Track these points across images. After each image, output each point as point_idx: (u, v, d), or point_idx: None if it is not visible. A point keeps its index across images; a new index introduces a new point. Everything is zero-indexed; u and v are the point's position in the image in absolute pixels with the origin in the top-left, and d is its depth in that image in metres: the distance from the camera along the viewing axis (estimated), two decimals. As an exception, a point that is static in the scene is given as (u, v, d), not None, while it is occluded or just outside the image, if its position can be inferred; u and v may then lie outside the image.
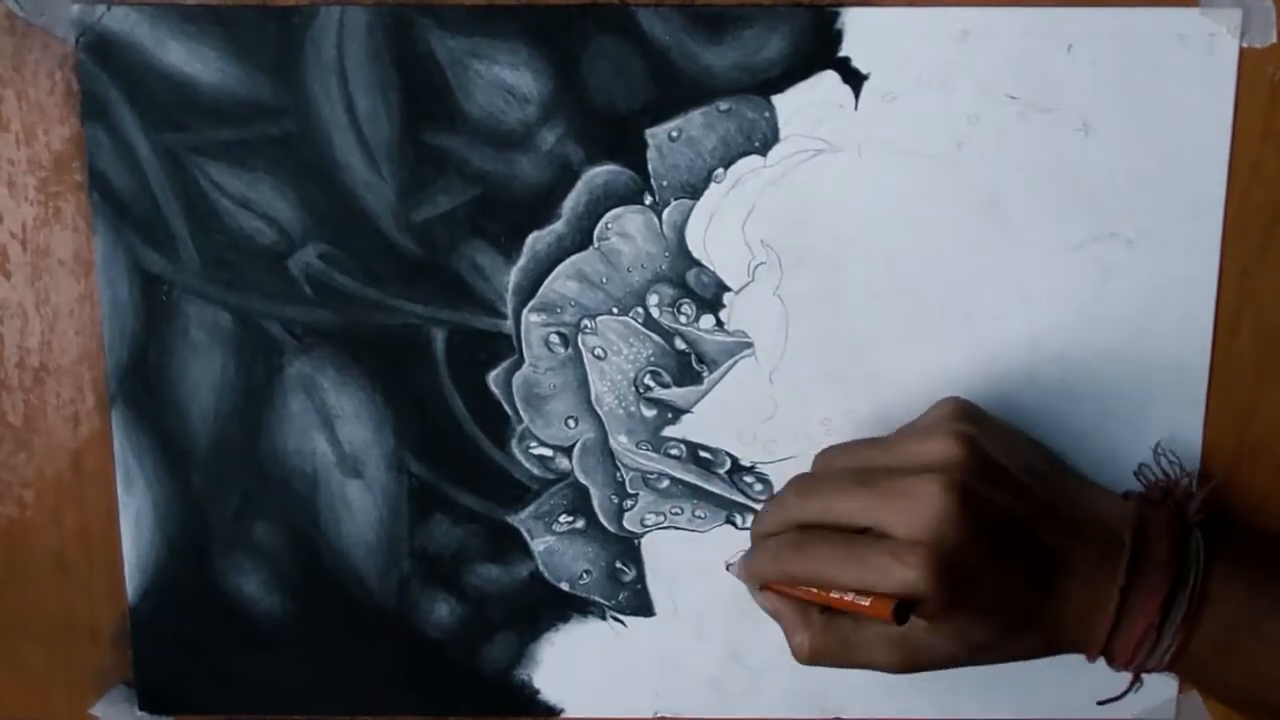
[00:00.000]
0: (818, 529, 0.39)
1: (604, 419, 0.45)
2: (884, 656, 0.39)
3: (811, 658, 0.40)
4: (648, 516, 0.46)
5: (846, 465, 0.41)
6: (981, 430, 0.40)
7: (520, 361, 0.45)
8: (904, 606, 0.36)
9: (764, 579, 0.41)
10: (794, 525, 0.40)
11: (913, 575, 0.36)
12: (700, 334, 0.44)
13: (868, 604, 0.37)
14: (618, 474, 0.46)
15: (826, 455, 0.43)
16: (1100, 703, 0.44)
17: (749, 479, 0.46)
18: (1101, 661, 0.41)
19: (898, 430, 0.42)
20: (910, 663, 0.39)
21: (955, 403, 0.41)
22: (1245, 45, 0.42)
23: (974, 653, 0.39)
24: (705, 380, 0.45)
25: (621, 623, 0.47)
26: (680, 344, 0.45)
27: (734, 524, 0.46)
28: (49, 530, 0.46)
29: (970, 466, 0.38)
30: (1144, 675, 0.41)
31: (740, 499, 0.46)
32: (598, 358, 0.45)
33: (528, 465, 0.46)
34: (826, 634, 0.39)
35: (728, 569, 0.46)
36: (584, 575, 0.47)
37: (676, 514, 0.46)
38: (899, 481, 0.37)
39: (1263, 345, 0.44)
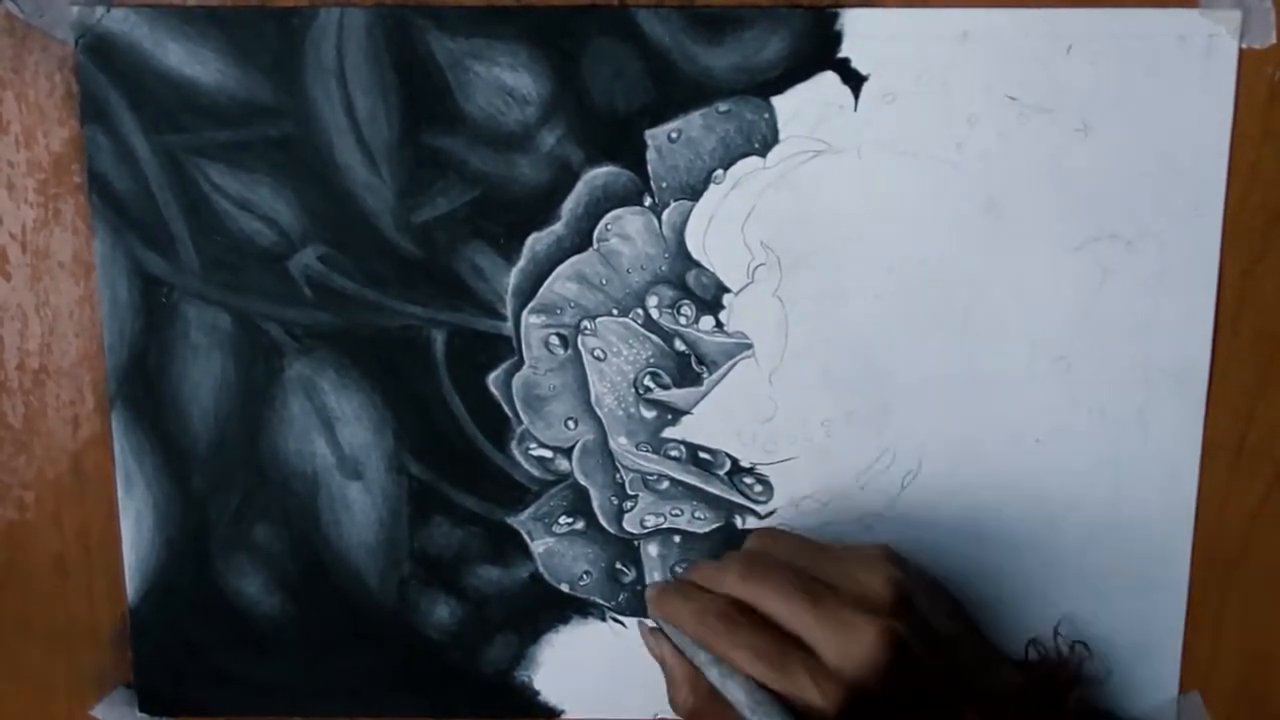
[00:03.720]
0: (751, 612, 0.39)
1: (604, 420, 0.45)
2: None
3: (689, 718, 0.40)
4: (647, 518, 0.46)
5: (791, 562, 0.40)
6: (912, 580, 0.40)
7: (520, 363, 0.45)
8: None
9: (679, 628, 0.40)
10: (728, 596, 0.40)
11: (823, 705, 0.37)
12: (700, 335, 0.44)
13: None
14: (617, 475, 0.46)
15: (768, 539, 0.42)
16: None
17: (749, 480, 0.46)
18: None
19: (837, 545, 0.42)
20: None
21: (886, 549, 0.41)
22: (1245, 46, 0.42)
23: None
24: (705, 381, 0.45)
25: (621, 624, 0.47)
26: (680, 345, 0.45)
27: (734, 525, 0.46)
28: (49, 532, 0.46)
29: (905, 618, 0.38)
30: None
31: (740, 500, 0.46)
32: (597, 359, 0.45)
33: (527, 467, 0.46)
34: (711, 703, 0.39)
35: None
36: (584, 576, 0.47)
37: (676, 515, 0.46)
38: (841, 610, 0.38)
39: (1263, 345, 0.44)
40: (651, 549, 0.46)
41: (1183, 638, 0.46)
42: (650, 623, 0.41)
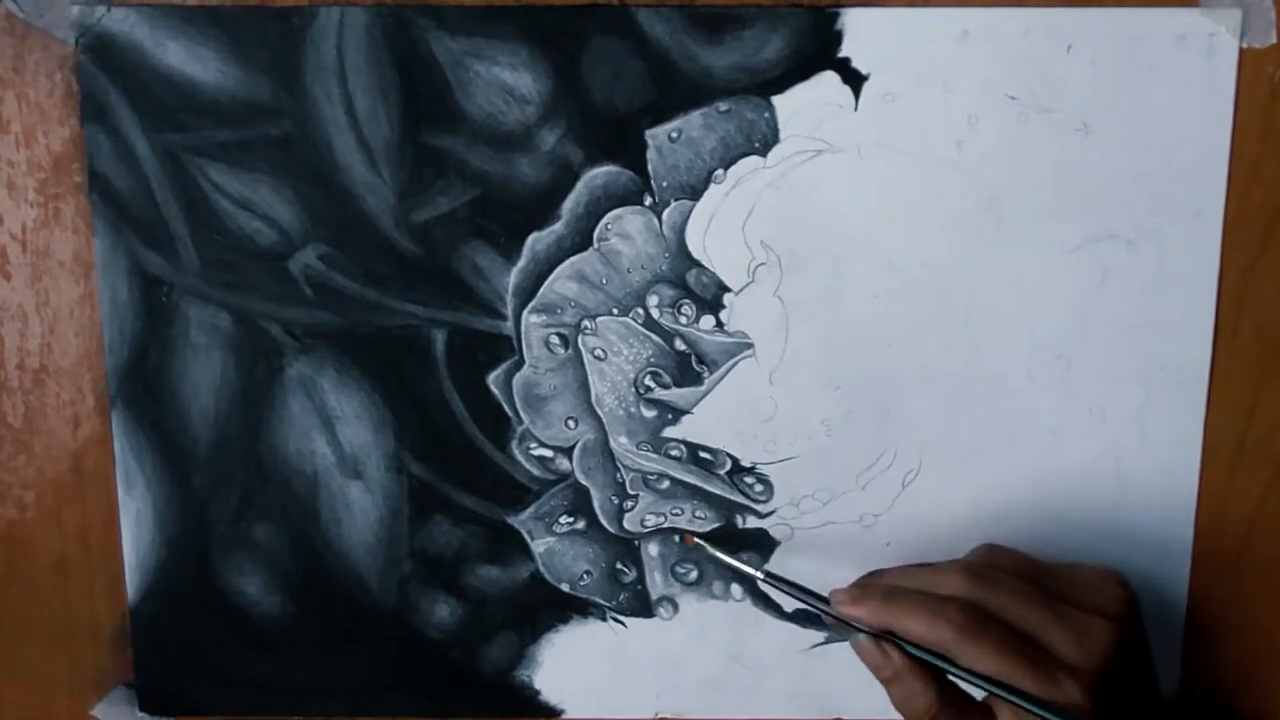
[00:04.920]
0: (991, 617, 0.39)
1: (604, 420, 0.45)
2: None
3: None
4: (648, 517, 0.46)
5: (1019, 572, 0.41)
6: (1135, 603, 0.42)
7: (520, 362, 0.45)
8: None
9: (910, 637, 0.40)
10: (959, 602, 0.40)
11: (1076, 694, 0.38)
12: (700, 335, 0.44)
13: None
14: (618, 475, 0.46)
15: (993, 554, 0.43)
16: None
17: (749, 479, 0.46)
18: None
19: (1062, 564, 0.43)
20: None
21: (1119, 573, 0.43)
22: (1245, 45, 0.42)
23: None
24: (705, 381, 0.45)
25: (622, 623, 0.47)
26: (680, 345, 0.45)
27: (734, 524, 0.46)
28: (49, 531, 0.46)
29: (1131, 623, 0.41)
30: None
31: (740, 499, 0.46)
32: (598, 358, 0.45)
33: (528, 466, 0.46)
34: (951, 707, 0.40)
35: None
36: (584, 576, 0.47)
37: (677, 515, 0.46)
38: (1079, 615, 0.40)
39: (1263, 345, 0.44)
40: (652, 549, 0.46)
41: (1183, 637, 0.46)
42: (864, 638, 0.40)
